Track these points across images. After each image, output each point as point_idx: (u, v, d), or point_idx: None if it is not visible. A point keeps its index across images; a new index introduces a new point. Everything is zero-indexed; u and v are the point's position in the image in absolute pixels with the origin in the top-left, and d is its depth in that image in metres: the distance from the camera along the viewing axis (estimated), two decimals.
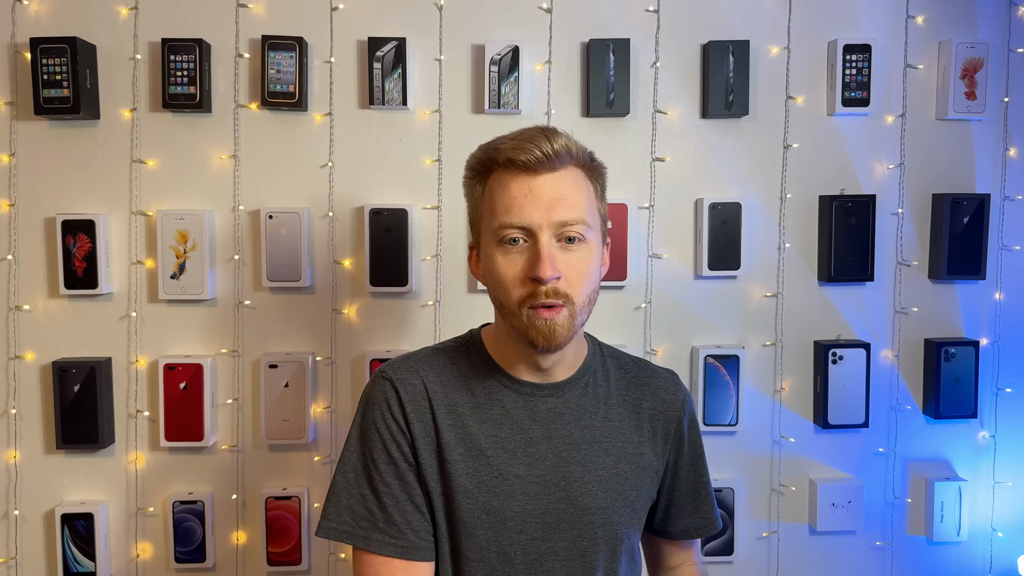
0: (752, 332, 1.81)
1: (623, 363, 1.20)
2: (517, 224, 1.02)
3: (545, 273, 0.99)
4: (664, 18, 1.76)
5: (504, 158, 1.03)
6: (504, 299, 1.05)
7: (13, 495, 1.73)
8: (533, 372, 1.12)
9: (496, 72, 1.70)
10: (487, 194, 1.07)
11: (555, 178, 1.03)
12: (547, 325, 1.02)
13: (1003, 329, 1.84)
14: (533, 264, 1.01)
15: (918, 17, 1.79)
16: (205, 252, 1.70)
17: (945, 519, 1.81)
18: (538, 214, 1.01)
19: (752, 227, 1.78)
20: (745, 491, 1.81)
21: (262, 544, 1.74)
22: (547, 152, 1.01)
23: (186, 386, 1.70)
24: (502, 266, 1.03)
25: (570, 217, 1.02)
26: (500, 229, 1.03)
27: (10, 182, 1.70)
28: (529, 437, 1.10)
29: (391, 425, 1.09)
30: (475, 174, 1.09)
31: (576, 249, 1.03)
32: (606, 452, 1.12)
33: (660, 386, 1.19)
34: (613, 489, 1.11)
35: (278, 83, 1.68)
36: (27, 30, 1.68)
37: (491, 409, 1.11)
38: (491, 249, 1.05)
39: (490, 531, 1.07)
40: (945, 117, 1.79)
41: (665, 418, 1.17)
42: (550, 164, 1.02)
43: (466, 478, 1.08)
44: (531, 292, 1.02)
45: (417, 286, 1.76)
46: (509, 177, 1.03)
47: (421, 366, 1.13)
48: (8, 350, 1.72)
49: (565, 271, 1.02)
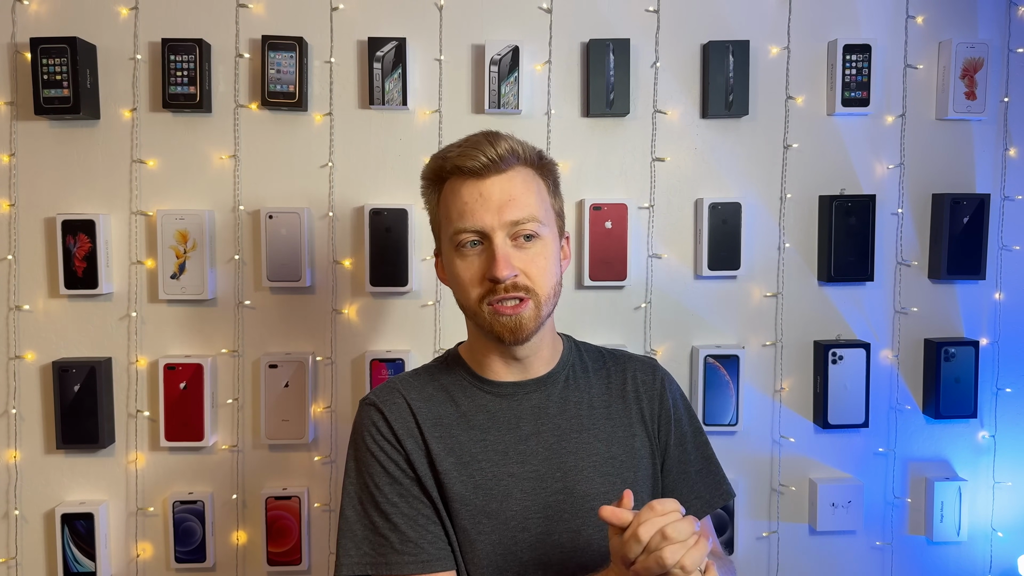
0: (752, 332, 1.81)
1: (600, 355, 1.23)
2: (471, 228, 1.05)
3: (501, 273, 1.03)
4: (664, 18, 1.76)
5: (451, 166, 1.07)
6: (465, 300, 1.09)
7: (13, 495, 1.73)
8: (512, 371, 1.14)
9: (496, 72, 1.70)
10: (442, 202, 1.11)
11: (503, 179, 1.06)
12: (512, 320, 1.06)
13: (1003, 329, 1.84)
14: (489, 265, 1.05)
15: (918, 17, 1.79)
16: (205, 252, 1.70)
17: (945, 519, 1.81)
18: (489, 216, 1.04)
19: (752, 227, 1.78)
20: (745, 491, 1.81)
21: (262, 544, 1.74)
22: (491, 157, 1.05)
23: (186, 386, 1.70)
24: (461, 269, 1.08)
25: (521, 216, 1.05)
26: (456, 235, 1.07)
27: (10, 182, 1.70)
28: (518, 435, 1.11)
29: (384, 445, 1.10)
30: (430, 184, 1.13)
31: (531, 246, 1.07)
32: (596, 438, 1.13)
33: (639, 368, 1.21)
34: (610, 473, 1.11)
35: (278, 83, 1.68)
36: (27, 30, 1.68)
37: (476, 416, 1.12)
38: (450, 255, 1.10)
39: (494, 535, 1.08)
40: (945, 117, 1.79)
41: (648, 398, 1.19)
42: (496, 167, 1.06)
43: (460, 485, 1.08)
44: (489, 289, 1.06)
45: (417, 286, 1.76)
46: (460, 183, 1.07)
47: (402, 387, 1.16)
48: (8, 350, 1.72)
49: (523, 267, 1.06)
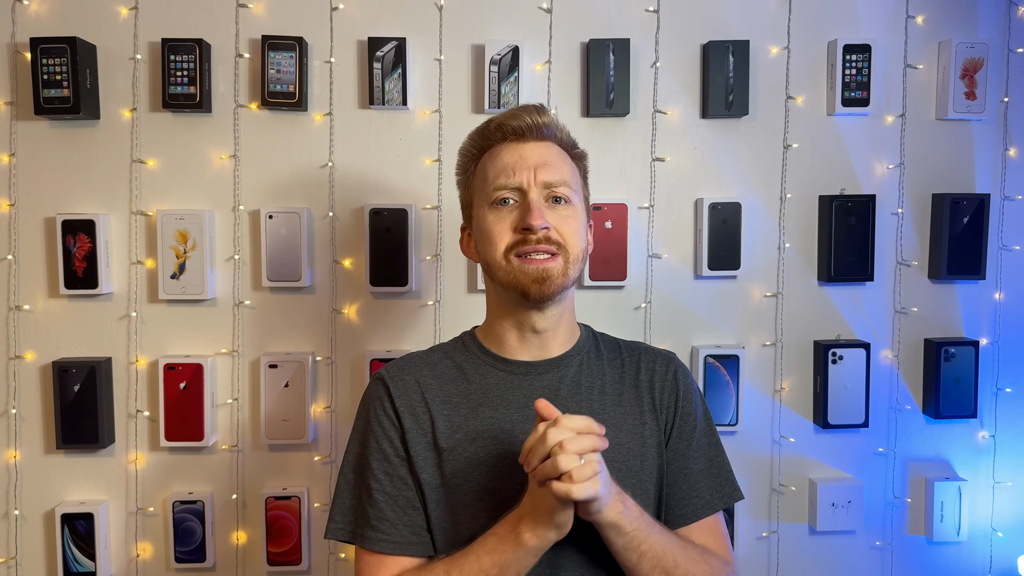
0: (752, 332, 1.81)
1: (616, 344, 1.23)
2: (509, 185, 1.10)
3: (536, 220, 1.07)
4: (664, 18, 1.76)
5: (496, 124, 1.14)
6: (494, 254, 1.10)
7: (13, 495, 1.73)
8: (527, 348, 1.15)
9: (496, 72, 1.70)
10: (479, 170, 1.16)
11: (542, 146, 1.13)
12: (539, 271, 1.07)
13: (1003, 329, 1.84)
14: (524, 215, 1.08)
15: (918, 17, 1.79)
16: (205, 252, 1.70)
17: (945, 519, 1.81)
18: (527, 175, 1.10)
19: (752, 227, 1.78)
20: (745, 491, 1.79)
21: (262, 544, 1.73)
22: (536, 121, 1.12)
23: (186, 386, 1.70)
24: (493, 223, 1.11)
25: (556, 179, 1.11)
26: (493, 191, 1.11)
27: (10, 182, 1.70)
28: (527, 415, 1.11)
29: (383, 421, 1.13)
30: (467, 158, 1.19)
31: (563, 209, 1.11)
32: (606, 424, 1.10)
33: (653, 360, 1.20)
34: (616, 459, 1.10)
35: (278, 83, 1.68)
36: (27, 30, 1.68)
37: (487, 394, 1.13)
38: (483, 213, 1.13)
39: (494, 511, 1.07)
40: (945, 117, 1.79)
41: (660, 388, 1.17)
42: (538, 133, 1.13)
43: (464, 462, 1.09)
44: (520, 239, 1.09)
45: (417, 286, 1.76)
46: (500, 147, 1.13)
47: (416, 364, 1.18)
48: (8, 350, 1.72)
49: (555, 224, 1.09)
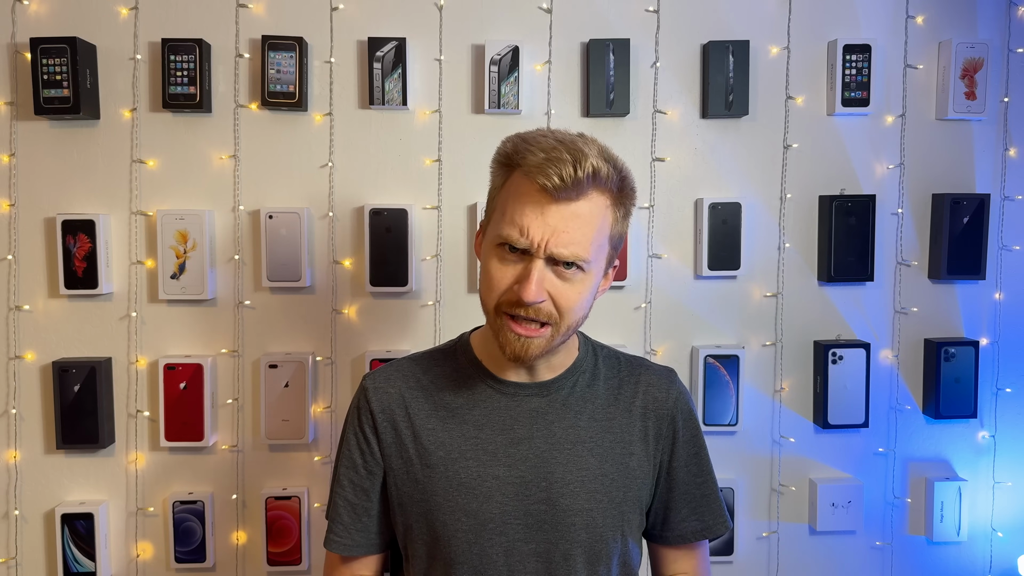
0: (752, 332, 1.81)
1: (617, 362, 1.19)
2: (518, 244, 1.00)
3: (528, 297, 0.99)
4: (664, 18, 1.76)
5: (528, 168, 0.99)
6: (486, 298, 1.05)
7: (13, 495, 1.73)
8: (519, 371, 1.12)
9: (496, 72, 1.70)
10: (506, 189, 1.04)
11: (570, 209, 0.99)
12: (520, 342, 1.02)
13: (1003, 329, 1.84)
14: (521, 282, 1.00)
15: (918, 17, 1.79)
16: (205, 252, 1.70)
17: (945, 519, 1.81)
18: (539, 239, 0.99)
19: (752, 227, 1.78)
20: (745, 491, 1.81)
21: (262, 544, 1.74)
22: (569, 179, 0.97)
23: (186, 386, 1.70)
24: (494, 269, 1.03)
25: (567, 252, 0.99)
26: (504, 234, 1.01)
27: (10, 182, 1.70)
28: (511, 438, 1.10)
29: (358, 432, 1.16)
30: (501, 165, 1.06)
31: (571, 276, 1.01)
32: (591, 452, 1.10)
33: (652, 383, 1.16)
34: (597, 491, 1.09)
35: (278, 83, 1.68)
36: (27, 30, 1.68)
37: (473, 411, 1.12)
38: (490, 247, 1.05)
39: (471, 533, 1.07)
40: (945, 117, 1.79)
41: (657, 416, 1.15)
42: (568, 193, 0.98)
43: (445, 481, 1.09)
44: (513, 301, 1.01)
45: (417, 286, 1.76)
46: (529, 188, 1.00)
47: (401, 373, 1.16)
48: (8, 350, 1.72)
49: (554, 294, 1.01)
